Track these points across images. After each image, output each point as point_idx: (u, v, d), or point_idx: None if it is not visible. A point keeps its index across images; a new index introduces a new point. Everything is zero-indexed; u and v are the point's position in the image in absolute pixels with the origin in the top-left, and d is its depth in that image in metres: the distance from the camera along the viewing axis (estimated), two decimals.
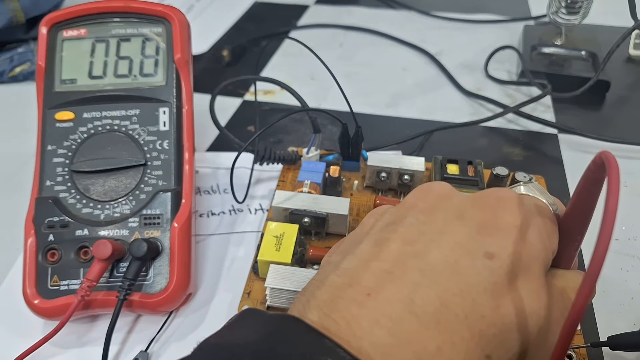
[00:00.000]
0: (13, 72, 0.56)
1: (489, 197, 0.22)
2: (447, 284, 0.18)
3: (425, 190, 0.24)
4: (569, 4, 0.53)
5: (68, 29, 0.35)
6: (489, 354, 0.18)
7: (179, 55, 0.35)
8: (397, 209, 0.23)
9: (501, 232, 0.20)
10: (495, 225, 0.21)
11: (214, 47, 0.63)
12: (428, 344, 0.17)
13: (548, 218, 0.23)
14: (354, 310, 0.18)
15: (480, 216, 0.21)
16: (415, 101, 0.53)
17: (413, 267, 0.19)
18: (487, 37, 0.64)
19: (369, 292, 0.18)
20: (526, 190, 0.25)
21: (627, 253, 0.35)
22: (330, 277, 0.20)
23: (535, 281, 0.20)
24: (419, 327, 0.17)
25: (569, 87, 0.49)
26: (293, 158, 0.40)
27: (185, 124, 0.34)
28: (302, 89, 0.54)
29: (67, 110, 0.34)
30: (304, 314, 0.19)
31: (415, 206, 0.23)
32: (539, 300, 0.20)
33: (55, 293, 0.30)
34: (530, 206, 0.23)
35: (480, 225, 0.21)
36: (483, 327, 0.18)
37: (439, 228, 0.21)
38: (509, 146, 0.46)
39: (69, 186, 0.33)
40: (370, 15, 0.71)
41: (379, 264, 0.20)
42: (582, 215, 0.22)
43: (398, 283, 0.19)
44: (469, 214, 0.22)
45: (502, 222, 0.21)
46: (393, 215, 0.23)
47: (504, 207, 0.21)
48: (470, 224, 0.21)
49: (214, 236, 0.38)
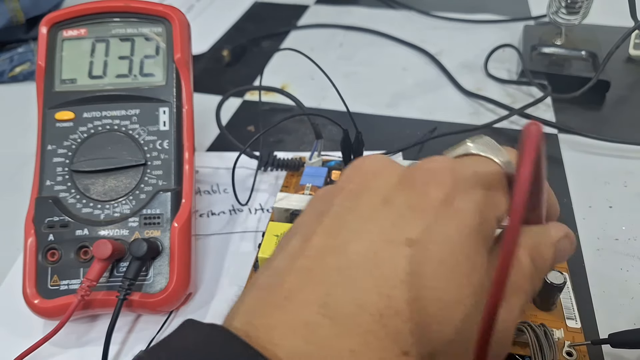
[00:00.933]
0: (13, 72, 0.56)
1: (417, 171, 0.20)
2: (363, 281, 0.17)
3: (355, 168, 0.21)
4: (569, 4, 0.53)
5: (68, 28, 0.35)
6: (407, 350, 0.17)
7: (179, 55, 0.35)
8: (328, 193, 0.21)
9: (425, 212, 0.18)
10: (420, 204, 0.19)
11: (214, 47, 0.63)
12: (342, 349, 0.16)
13: (489, 183, 0.20)
14: (274, 315, 0.17)
15: (406, 196, 0.19)
16: (416, 101, 0.53)
17: (331, 265, 0.18)
18: (487, 37, 0.64)
19: (289, 294, 0.18)
20: (475, 148, 0.22)
21: (627, 253, 0.35)
22: (260, 279, 0.19)
23: (466, 263, 0.18)
24: (333, 331, 0.16)
25: (569, 87, 0.49)
26: (296, 165, 0.41)
27: (185, 123, 0.34)
28: (303, 89, 0.55)
29: (67, 110, 0.34)
30: (231, 321, 0.18)
31: (343, 189, 0.21)
32: (467, 286, 0.18)
33: (55, 293, 0.30)
34: (465, 174, 0.20)
35: (406, 206, 0.19)
36: (399, 323, 0.17)
37: (363, 215, 0.19)
38: (509, 146, 0.46)
39: (69, 186, 0.33)
40: (370, 15, 0.71)
41: (302, 261, 0.18)
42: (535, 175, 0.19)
43: (316, 283, 0.18)
44: (394, 194, 0.19)
45: (427, 199, 0.19)
46: (322, 202, 0.21)
47: (431, 181, 0.19)
48: (395, 206, 0.19)
49: (214, 236, 0.38)
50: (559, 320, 0.30)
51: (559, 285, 0.29)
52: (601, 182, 0.42)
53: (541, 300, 0.30)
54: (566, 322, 0.30)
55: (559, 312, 0.30)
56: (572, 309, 0.30)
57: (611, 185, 0.41)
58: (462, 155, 0.21)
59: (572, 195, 0.40)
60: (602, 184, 0.41)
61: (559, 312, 0.30)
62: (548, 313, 0.30)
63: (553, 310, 0.30)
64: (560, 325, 0.29)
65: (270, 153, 0.40)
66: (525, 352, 0.28)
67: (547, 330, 0.27)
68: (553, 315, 0.30)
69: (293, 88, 0.55)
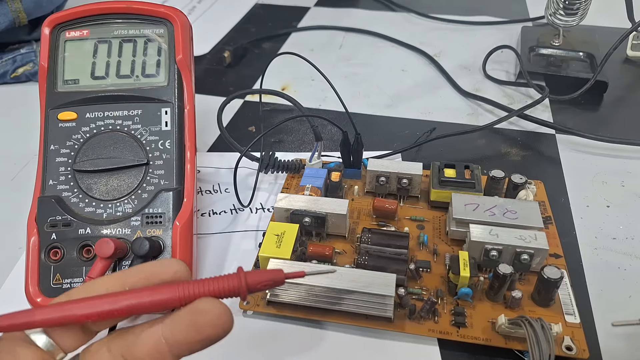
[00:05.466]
0: (16, 73, 0.56)
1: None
2: None
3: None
4: (566, 6, 0.53)
5: (70, 29, 0.36)
6: None
7: (181, 56, 0.35)
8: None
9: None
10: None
11: (215, 48, 0.64)
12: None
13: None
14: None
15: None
16: (415, 102, 0.53)
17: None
18: (485, 38, 0.64)
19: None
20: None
21: (625, 252, 0.36)
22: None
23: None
24: None
25: (567, 87, 0.49)
26: (297, 167, 0.41)
27: (187, 124, 0.35)
28: (303, 90, 0.55)
29: (70, 110, 0.34)
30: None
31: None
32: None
33: (57, 291, 0.31)
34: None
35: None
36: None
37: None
38: (507, 146, 0.46)
39: (71, 185, 0.33)
40: (369, 17, 0.71)
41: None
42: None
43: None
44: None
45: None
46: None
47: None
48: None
49: (215, 235, 0.38)
50: (557, 316, 0.30)
51: (556, 280, 0.29)
52: (599, 181, 0.42)
53: (539, 296, 0.30)
54: (565, 317, 0.30)
55: (557, 308, 0.30)
56: (570, 304, 0.31)
57: (609, 185, 0.42)
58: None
59: (570, 195, 0.41)
60: (599, 184, 0.42)
61: (557, 307, 0.31)
62: (547, 309, 0.30)
63: (552, 305, 0.31)
64: (559, 320, 0.30)
65: (271, 155, 0.40)
66: (523, 347, 0.28)
67: (545, 325, 0.27)
68: (551, 310, 0.30)
69: (294, 89, 0.55)
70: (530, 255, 0.31)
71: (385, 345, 0.30)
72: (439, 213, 0.38)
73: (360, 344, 0.30)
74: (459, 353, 0.30)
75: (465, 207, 0.35)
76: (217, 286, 0.20)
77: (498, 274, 0.30)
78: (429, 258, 0.34)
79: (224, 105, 0.43)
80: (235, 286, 0.20)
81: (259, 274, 0.21)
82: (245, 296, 0.21)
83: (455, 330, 0.30)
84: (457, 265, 0.30)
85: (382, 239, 0.34)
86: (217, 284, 0.20)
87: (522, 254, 0.31)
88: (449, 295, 0.32)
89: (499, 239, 0.32)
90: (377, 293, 0.29)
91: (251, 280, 0.21)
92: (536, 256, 0.32)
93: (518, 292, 0.30)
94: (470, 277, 0.30)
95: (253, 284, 0.21)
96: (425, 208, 0.38)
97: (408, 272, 0.32)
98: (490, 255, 0.32)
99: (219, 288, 0.20)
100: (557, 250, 0.35)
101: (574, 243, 0.36)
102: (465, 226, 0.34)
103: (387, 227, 0.37)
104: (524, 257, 0.31)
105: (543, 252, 0.31)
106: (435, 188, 0.37)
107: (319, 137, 0.40)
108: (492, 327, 0.30)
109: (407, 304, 0.30)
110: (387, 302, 0.29)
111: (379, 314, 0.30)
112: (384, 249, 0.33)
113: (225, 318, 0.20)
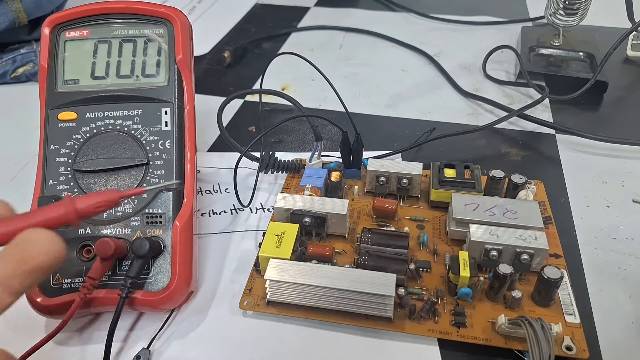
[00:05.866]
0: (16, 73, 0.56)
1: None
2: None
3: None
4: (566, 6, 0.53)
5: (70, 29, 0.36)
6: None
7: (181, 56, 0.35)
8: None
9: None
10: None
11: (215, 48, 0.64)
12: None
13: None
14: None
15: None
16: (415, 102, 0.53)
17: None
18: (485, 38, 0.64)
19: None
20: None
21: (624, 252, 0.36)
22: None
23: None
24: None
25: (567, 87, 0.49)
26: (297, 167, 0.41)
27: (187, 124, 0.35)
28: (303, 90, 0.55)
29: (70, 110, 0.34)
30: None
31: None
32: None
33: (57, 291, 0.31)
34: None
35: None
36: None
37: None
38: (507, 146, 0.46)
39: (71, 185, 0.33)
40: (369, 17, 0.71)
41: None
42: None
43: None
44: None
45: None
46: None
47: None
48: None
49: (215, 235, 0.38)
50: (557, 316, 0.30)
51: (556, 280, 0.29)
52: (599, 181, 0.42)
53: (539, 296, 0.30)
54: (565, 317, 0.30)
55: (557, 308, 0.31)
56: (570, 304, 0.31)
57: (609, 185, 0.42)
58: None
59: (570, 195, 0.41)
60: (599, 184, 0.42)
61: (557, 307, 0.31)
62: (547, 309, 0.31)
63: (552, 306, 0.31)
64: (559, 320, 0.30)
65: (271, 155, 0.40)
66: (523, 347, 0.28)
67: (545, 325, 0.27)
68: (551, 310, 0.30)
69: (294, 89, 0.55)
70: (530, 255, 0.31)
71: (385, 345, 0.30)
72: (439, 213, 0.38)
73: (360, 344, 0.30)
74: (459, 353, 0.30)
75: (465, 207, 0.35)
76: (44, 216, 0.20)
77: (498, 274, 0.30)
78: (429, 258, 0.34)
79: (224, 105, 0.43)
80: (62, 213, 0.19)
81: (89, 196, 0.20)
82: (77, 222, 0.20)
83: (455, 330, 0.30)
84: (457, 265, 0.31)
85: (382, 239, 0.34)
86: (43, 214, 0.20)
87: (522, 254, 0.31)
88: (449, 295, 0.32)
89: (499, 239, 0.32)
90: (377, 293, 0.29)
91: (81, 205, 0.20)
92: (536, 256, 0.32)
93: (518, 292, 0.30)
94: (470, 277, 0.30)
95: (84, 209, 0.20)
96: (425, 208, 0.38)
97: (408, 272, 0.32)
98: (490, 255, 0.32)
99: (46, 218, 0.20)
100: (557, 250, 0.35)
101: (574, 243, 0.36)
102: (465, 226, 0.34)
103: (387, 227, 0.37)
104: (524, 257, 0.31)
105: (543, 252, 0.31)
106: (435, 188, 0.37)
107: (319, 137, 0.40)
108: (492, 327, 0.30)
109: (407, 304, 0.30)
110: (387, 302, 0.29)
111: (379, 314, 0.30)
112: (384, 249, 0.33)
113: (55, 245, 0.19)
